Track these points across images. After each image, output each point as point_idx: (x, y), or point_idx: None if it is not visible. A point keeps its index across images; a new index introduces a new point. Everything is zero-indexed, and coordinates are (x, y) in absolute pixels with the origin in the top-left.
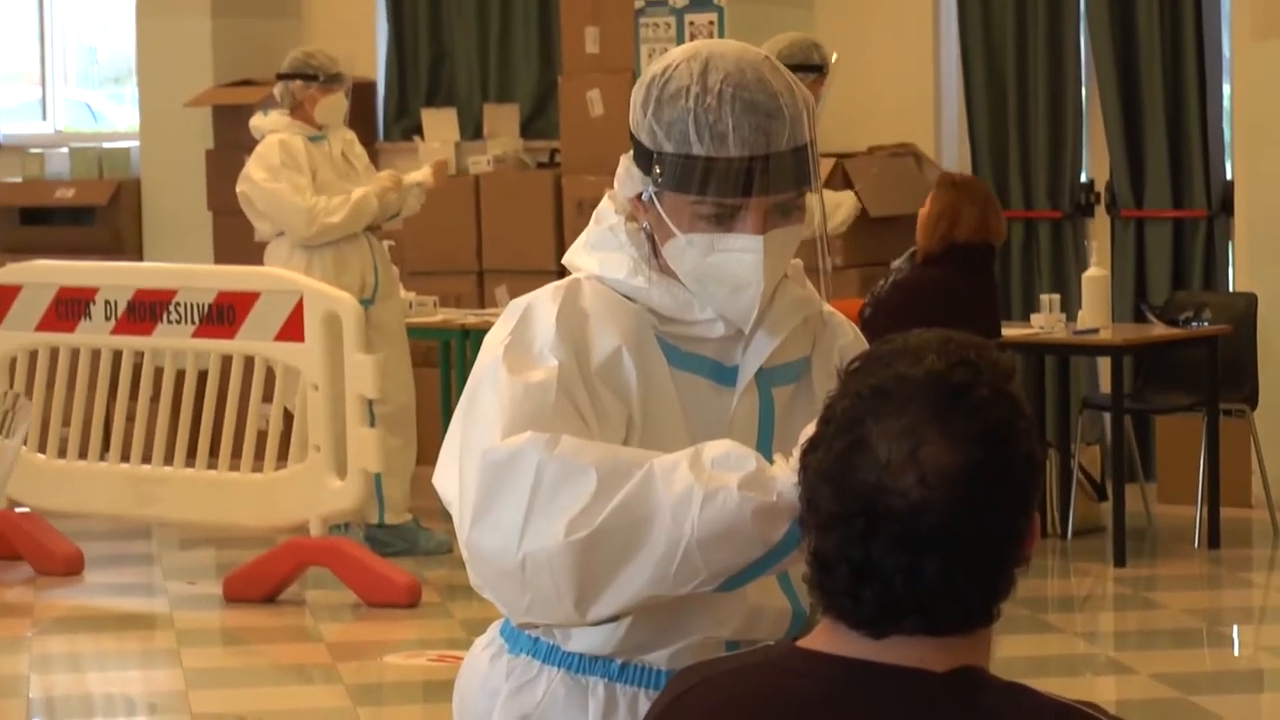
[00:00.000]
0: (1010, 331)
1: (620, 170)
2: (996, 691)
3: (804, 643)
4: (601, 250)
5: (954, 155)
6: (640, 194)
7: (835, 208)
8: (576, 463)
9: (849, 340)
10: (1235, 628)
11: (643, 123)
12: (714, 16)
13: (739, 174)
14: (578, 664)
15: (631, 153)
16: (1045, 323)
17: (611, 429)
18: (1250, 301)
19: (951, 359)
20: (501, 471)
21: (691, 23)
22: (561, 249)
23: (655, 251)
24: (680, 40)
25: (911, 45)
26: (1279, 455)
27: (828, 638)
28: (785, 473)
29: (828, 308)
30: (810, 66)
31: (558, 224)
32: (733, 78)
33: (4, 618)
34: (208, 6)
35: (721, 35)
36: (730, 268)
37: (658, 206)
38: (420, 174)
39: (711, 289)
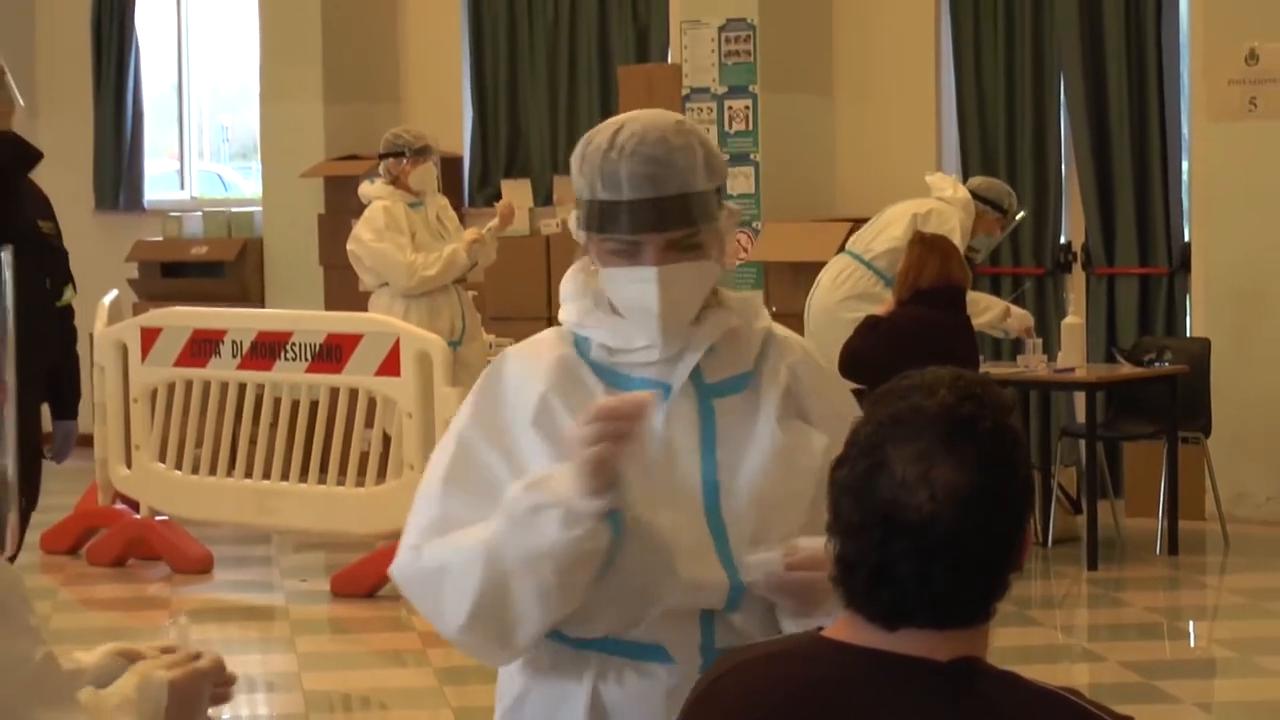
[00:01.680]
0: (999, 370)
1: (571, 225)
2: (992, 679)
3: (827, 633)
4: (566, 301)
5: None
6: (583, 240)
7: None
8: (433, 568)
9: (797, 358)
10: (1191, 623)
11: (574, 177)
12: (749, 102)
13: (628, 214)
14: (574, 640)
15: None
16: (1029, 362)
17: (530, 471)
18: (1205, 345)
19: (960, 394)
20: (403, 587)
21: (730, 107)
22: None
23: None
24: (720, 123)
25: (917, 132)
26: (1229, 476)
27: (848, 629)
28: (567, 482)
29: (781, 330)
30: (998, 207)
31: None
32: (636, 136)
33: (145, 609)
34: (320, 93)
35: (755, 120)
36: (636, 297)
37: (590, 248)
38: (493, 222)
39: (634, 317)
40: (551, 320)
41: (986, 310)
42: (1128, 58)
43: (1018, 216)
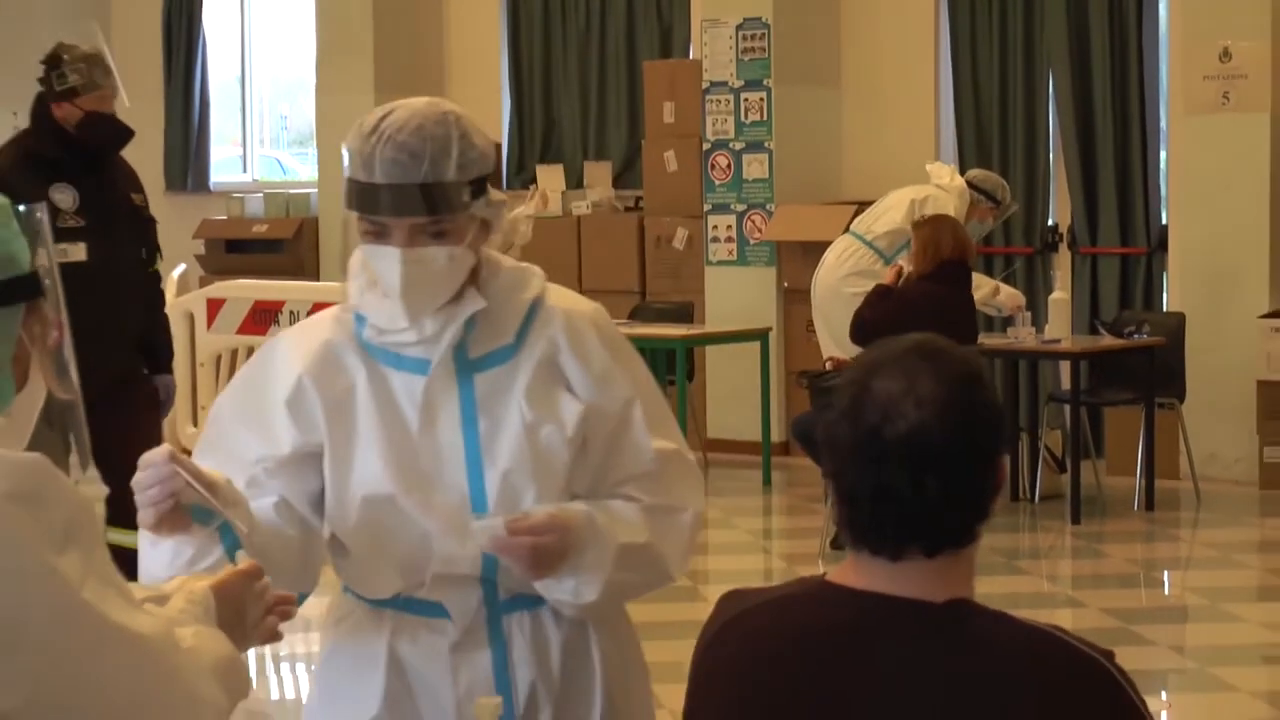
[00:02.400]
0: (992, 341)
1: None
2: (984, 617)
3: (832, 577)
4: (349, 278)
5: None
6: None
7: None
8: None
9: (557, 329)
10: (1166, 573)
11: (344, 154)
12: (764, 95)
13: (376, 196)
14: (370, 600)
15: None
16: (1019, 334)
17: (286, 450)
18: (1180, 319)
19: (926, 340)
20: None
21: (746, 99)
22: (643, 274)
23: None
24: (737, 114)
25: (918, 122)
26: (1201, 439)
27: (853, 572)
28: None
29: (554, 299)
30: (991, 197)
31: (640, 255)
32: (396, 123)
33: None
34: (371, 84)
35: (769, 111)
36: (384, 275)
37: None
38: (528, 206)
39: (387, 294)
40: (583, 291)
41: (978, 288)
42: (1111, 55)
43: (1011, 208)
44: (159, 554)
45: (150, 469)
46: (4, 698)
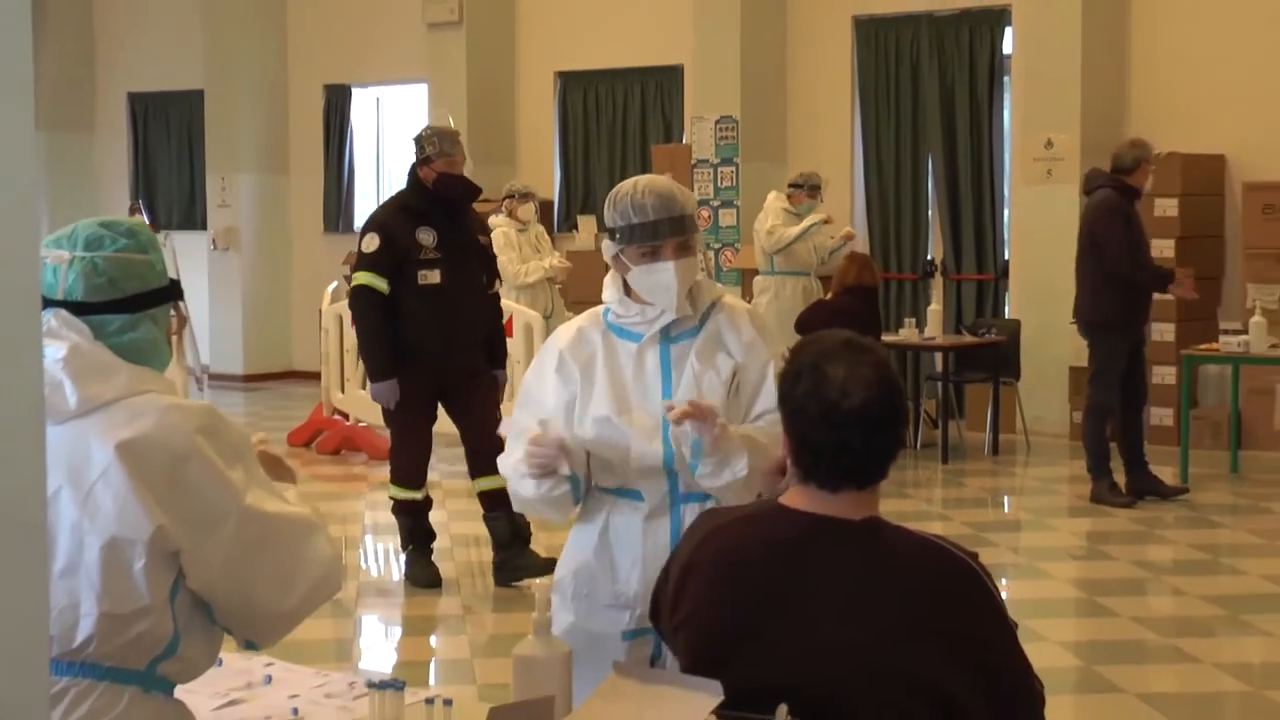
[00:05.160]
0: (889, 337)
1: (603, 247)
2: (891, 530)
3: (783, 501)
4: (605, 291)
5: (863, 243)
6: (614, 254)
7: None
8: (507, 474)
9: (724, 317)
10: (1006, 497)
11: (609, 215)
12: (734, 168)
13: (652, 228)
14: (599, 487)
15: (606, 238)
16: (907, 334)
17: (569, 392)
18: (1017, 324)
19: (852, 336)
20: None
21: (721, 171)
22: None
23: (626, 286)
24: (715, 181)
25: (840, 188)
26: (1031, 406)
27: (800, 498)
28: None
29: (729, 300)
30: (800, 185)
31: None
32: (647, 185)
33: (351, 481)
34: (468, 158)
35: (738, 179)
36: (661, 281)
37: (622, 258)
38: (556, 260)
39: (656, 295)
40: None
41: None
42: (971, 143)
43: (822, 185)
44: (529, 484)
45: (545, 446)
46: (204, 569)
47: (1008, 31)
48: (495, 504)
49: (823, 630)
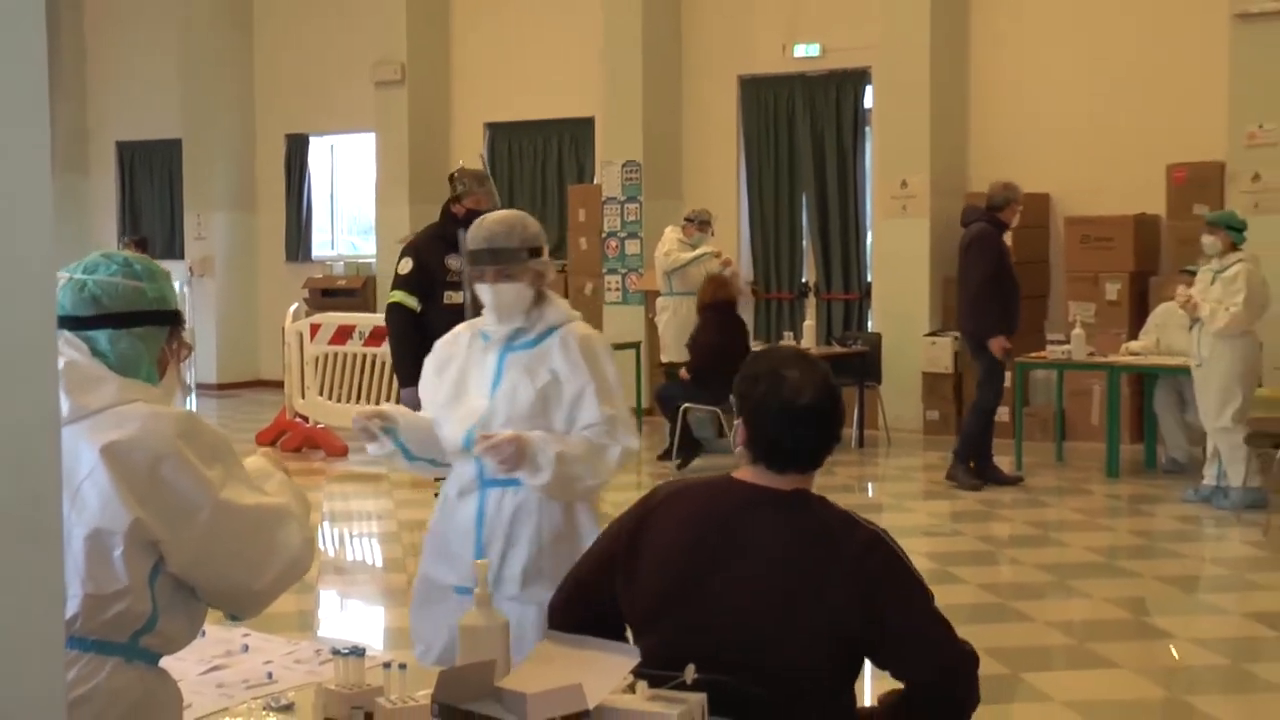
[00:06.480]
0: (761, 349)
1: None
2: (818, 501)
3: (736, 475)
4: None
5: (747, 268)
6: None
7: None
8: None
9: (557, 338)
10: (870, 484)
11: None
12: (638, 205)
13: (473, 256)
14: (442, 464)
15: None
16: (785, 344)
17: (437, 378)
18: (878, 337)
19: (799, 351)
20: None
21: (627, 208)
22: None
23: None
24: (622, 215)
25: (728, 222)
26: (891, 406)
27: (749, 475)
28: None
29: (572, 325)
30: (697, 220)
31: (566, 297)
32: (490, 220)
33: (312, 475)
34: (407, 199)
35: (641, 214)
36: (486, 299)
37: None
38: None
39: (487, 310)
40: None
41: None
42: (839, 181)
43: (711, 221)
44: (371, 447)
45: (362, 415)
46: (181, 555)
47: (868, 89)
48: None
49: (752, 582)
